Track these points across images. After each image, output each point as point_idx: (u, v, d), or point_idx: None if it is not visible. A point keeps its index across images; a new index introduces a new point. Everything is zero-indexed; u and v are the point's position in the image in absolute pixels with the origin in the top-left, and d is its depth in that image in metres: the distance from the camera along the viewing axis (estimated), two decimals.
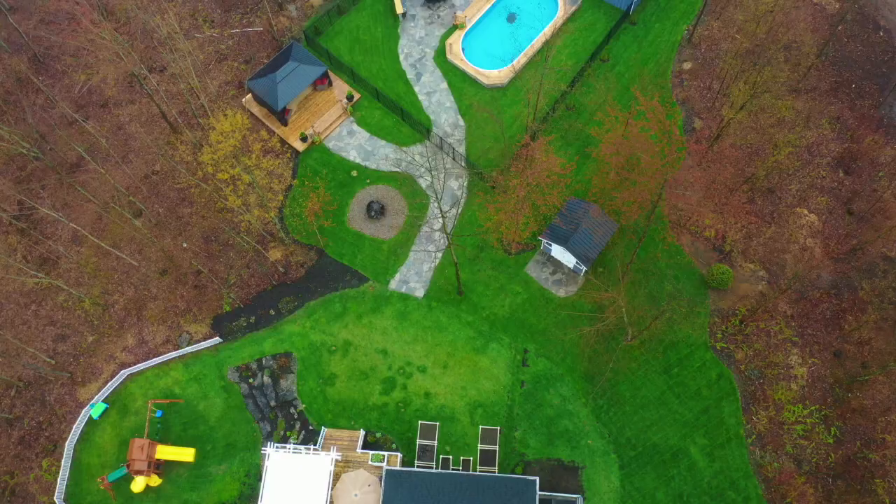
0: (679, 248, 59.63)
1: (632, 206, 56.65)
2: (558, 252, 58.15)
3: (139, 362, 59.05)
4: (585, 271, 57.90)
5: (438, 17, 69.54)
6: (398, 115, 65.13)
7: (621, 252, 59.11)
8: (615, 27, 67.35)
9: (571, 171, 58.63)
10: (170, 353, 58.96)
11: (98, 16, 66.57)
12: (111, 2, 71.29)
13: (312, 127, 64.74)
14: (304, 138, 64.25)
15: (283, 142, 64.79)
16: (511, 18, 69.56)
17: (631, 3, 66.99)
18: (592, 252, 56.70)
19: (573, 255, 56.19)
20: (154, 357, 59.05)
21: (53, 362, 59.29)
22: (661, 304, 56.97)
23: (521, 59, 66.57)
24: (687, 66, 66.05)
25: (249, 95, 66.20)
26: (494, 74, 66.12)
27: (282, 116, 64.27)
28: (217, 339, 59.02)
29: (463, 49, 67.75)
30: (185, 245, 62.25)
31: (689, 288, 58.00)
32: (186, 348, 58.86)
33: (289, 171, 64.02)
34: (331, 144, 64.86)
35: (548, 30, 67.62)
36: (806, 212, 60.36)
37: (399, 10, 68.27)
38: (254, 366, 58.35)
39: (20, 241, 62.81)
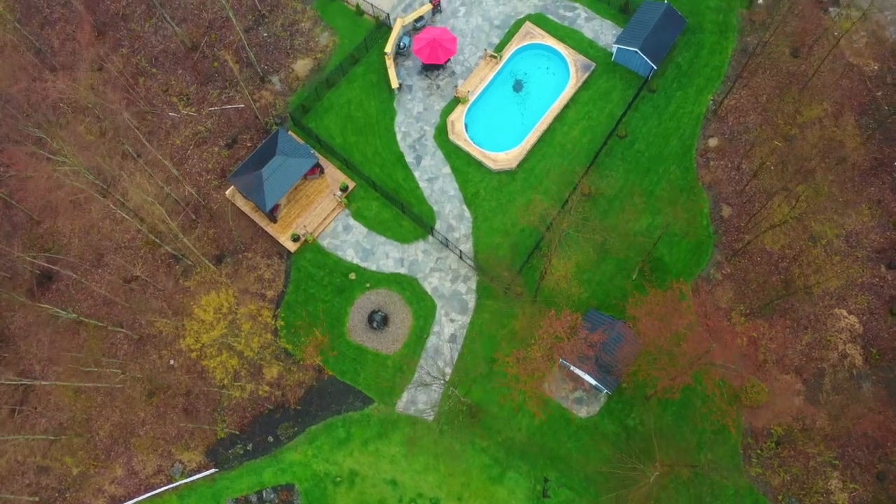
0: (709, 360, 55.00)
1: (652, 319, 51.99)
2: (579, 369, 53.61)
3: (130, 496, 55.01)
4: (609, 394, 53.48)
5: (437, 87, 63.01)
6: (398, 207, 59.44)
7: (646, 364, 54.57)
8: (634, 97, 61.14)
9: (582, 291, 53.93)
10: (163, 486, 54.86)
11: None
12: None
13: (304, 226, 59.03)
14: (296, 239, 58.65)
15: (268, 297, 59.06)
16: (518, 87, 63.10)
17: (651, 70, 60.61)
18: (618, 371, 52.13)
19: (596, 380, 51.66)
20: (146, 490, 54.94)
21: (37, 499, 55.10)
22: (692, 432, 52.76)
23: (530, 139, 60.49)
24: (713, 142, 60.18)
25: (233, 187, 60.24)
26: (502, 157, 60.16)
27: (270, 213, 58.50)
28: (213, 470, 54.81)
29: (466, 126, 61.54)
30: (172, 363, 57.35)
31: (722, 405, 53.66)
32: (180, 480, 54.70)
33: (281, 278, 58.66)
34: (325, 242, 59.31)
35: (559, 102, 61.36)
36: (845, 313, 55.67)
37: (394, 84, 61.68)
38: (254, 499, 54.31)
39: None
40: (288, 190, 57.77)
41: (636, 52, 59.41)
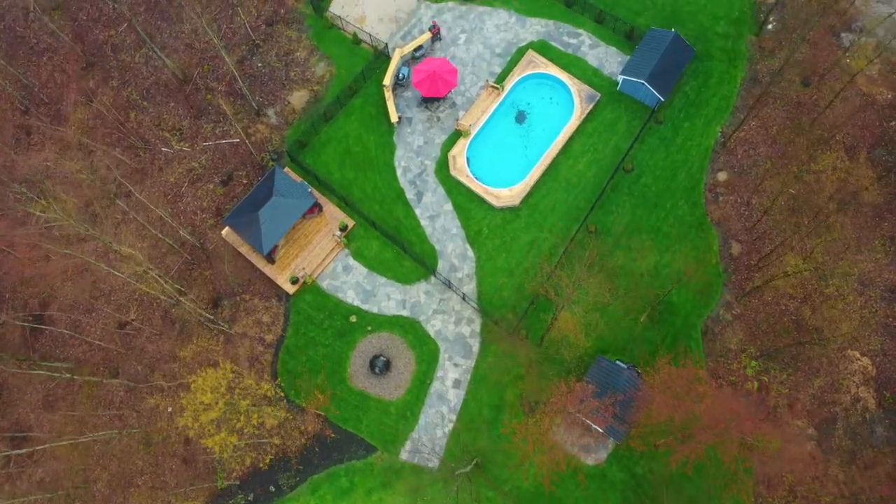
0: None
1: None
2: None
3: None
4: (618, 443, 52.32)
5: (438, 119, 61.15)
6: (398, 246, 57.86)
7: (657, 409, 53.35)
8: (640, 130, 59.40)
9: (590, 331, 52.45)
10: None
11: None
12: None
13: (303, 268, 57.46)
14: (294, 281, 57.10)
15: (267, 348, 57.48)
16: (520, 118, 61.25)
17: (658, 102, 58.80)
18: (629, 420, 50.90)
19: (606, 430, 50.47)
20: None
21: None
22: (703, 479, 51.67)
23: (534, 174, 58.79)
24: (722, 176, 58.52)
25: (229, 227, 58.56)
26: (505, 194, 58.49)
27: (268, 255, 56.88)
28: None
29: (468, 160, 59.79)
30: (170, 410, 55.99)
31: (730, 452, 52.56)
32: None
33: (280, 321, 57.16)
34: (325, 284, 57.78)
35: (563, 134, 59.59)
36: (858, 355, 54.40)
37: (394, 118, 59.82)
38: None
39: None
40: (286, 232, 56.19)
41: (643, 83, 57.57)
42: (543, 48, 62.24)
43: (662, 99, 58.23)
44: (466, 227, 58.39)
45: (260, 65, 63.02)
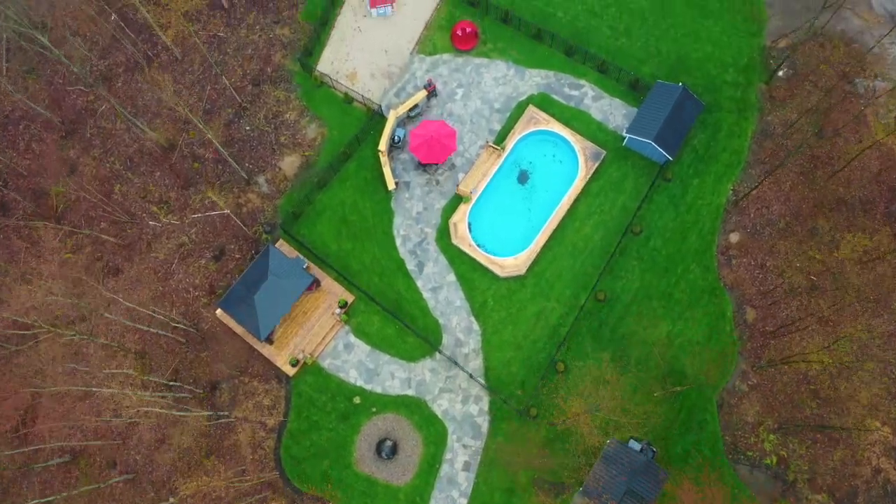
0: (737, 480, 52.34)
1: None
2: None
3: None
4: None
5: (437, 182, 58.55)
6: (401, 322, 55.73)
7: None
8: (649, 189, 56.97)
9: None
10: None
11: None
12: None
13: (303, 348, 55.35)
14: (294, 363, 55.03)
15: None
16: (523, 178, 58.70)
17: (666, 160, 56.30)
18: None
19: None
20: None
21: None
22: None
23: (539, 239, 56.49)
24: (734, 237, 56.31)
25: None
26: (510, 263, 56.23)
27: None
28: None
29: (470, 225, 57.39)
30: (171, 500, 54.33)
31: None
32: None
33: (281, 404, 55.21)
34: (326, 363, 55.74)
35: (568, 196, 57.17)
36: (878, 424, 52.89)
37: (391, 185, 57.18)
38: None
39: None
40: (283, 315, 54.01)
41: (650, 143, 54.98)
42: (544, 102, 59.39)
43: (671, 158, 55.73)
44: (471, 299, 56.23)
45: (248, 128, 60.09)
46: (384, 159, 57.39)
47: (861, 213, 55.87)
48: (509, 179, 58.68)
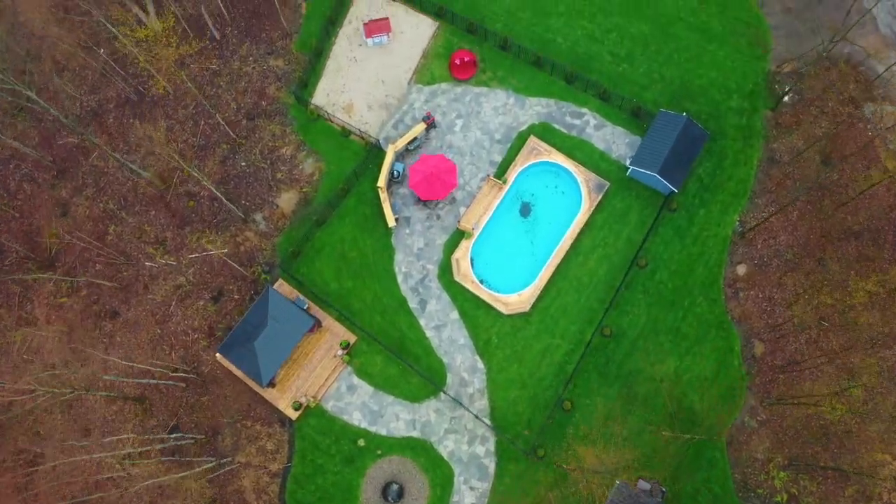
0: None
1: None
2: None
3: None
4: None
5: (438, 217, 57.45)
6: (404, 363, 54.86)
7: None
8: (654, 221, 55.94)
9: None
10: None
11: None
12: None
13: (305, 392, 54.49)
14: (297, 407, 54.21)
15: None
16: (525, 210, 57.62)
17: (671, 192, 55.22)
18: None
19: None
20: None
21: None
22: None
23: (543, 275, 55.51)
24: (741, 270, 55.38)
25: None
26: (514, 300, 55.30)
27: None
28: None
29: (472, 260, 56.39)
30: None
31: None
32: None
33: (284, 448, 54.46)
34: (329, 405, 54.91)
35: (571, 230, 56.11)
36: (889, 458, 52.28)
37: (391, 222, 56.05)
38: None
39: None
40: (285, 359, 53.12)
41: (654, 176, 53.85)
42: (545, 131, 58.18)
43: (675, 190, 54.66)
44: (474, 337, 55.35)
45: (244, 164, 58.84)
46: (383, 196, 56.22)
47: (870, 244, 54.95)
48: (511, 213, 57.59)
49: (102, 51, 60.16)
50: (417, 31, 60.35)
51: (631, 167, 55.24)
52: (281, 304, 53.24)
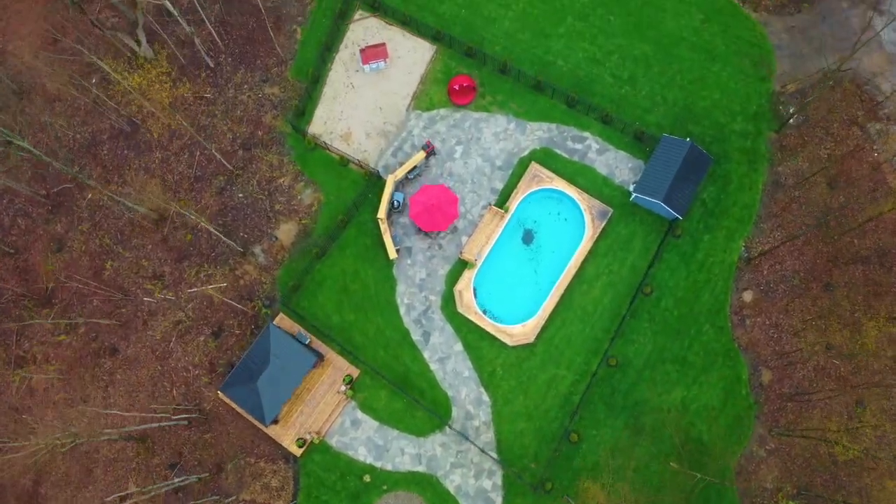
0: None
1: None
2: None
3: None
4: None
5: (439, 246, 56.66)
6: (408, 397, 54.26)
7: None
8: (658, 247, 55.23)
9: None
10: None
11: None
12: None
13: (309, 428, 53.92)
14: (301, 444, 53.65)
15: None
16: (528, 238, 56.87)
17: (676, 219, 54.48)
18: None
19: None
20: None
21: None
22: None
23: (547, 305, 54.84)
24: (748, 296, 54.78)
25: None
26: (518, 331, 54.67)
27: None
28: None
29: (475, 290, 55.68)
30: None
31: None
32: None
33: (289, 485, 53.95)
34: (333, 441, 54.37)
35: (575, 258, 55.39)
36: None
37: (392, 254, 55.25)
38: None
39: None
40: (289, 397, 52.51)
41: (659, 203, 53.06)
42: (547, 157, 57.30)
43: (680, 217, 53.94)
44: (479, 369, 54.76)
45: (241, 195, 57.88)
46: (384, 227, 55.39)
47: (878, 267, 54.35)
48: (514, 241, 56.82)
49: (94, 80, 59.08)
50: (415, 55, 59.27)
51: (635, 194, 54.46)
52: (283, 342, 52.55)
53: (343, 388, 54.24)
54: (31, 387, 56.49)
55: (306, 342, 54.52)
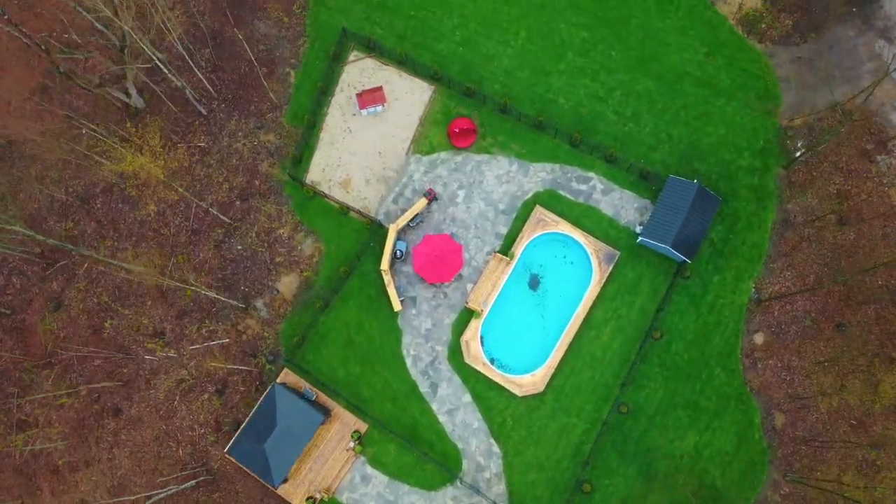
0: None
1: None
2: None
3: None
4: None
5: (444, 295, 55.66)
6: (417, 451, 53.59)
7: None
8: (667, 290, 54.33)
9: None
10: None
11: None
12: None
13: (318, 486, 53.27)
14: (311, 502, 53.02)
15: None
16: (534, 283, 55.89)
17: (684, 262, 53.51)
18: None
19: None
20: None
21: None
22: None
23: (556, 353, 54.03)
24: (759, 339, 54.00)
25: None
26: (528, 381, 53.90)
27: None
28: None
29: (482, 338, 54.82)
30: None
31: None
32: None
33: None
34: (344, 498, 53.76)
35: (583, 304, 54.47)
36: None
37: (397, 306, 54.23)
38: None
39: None
40: (297, 457, 51.76)
41: (667, 248, 52.04)
42: (551, 199, 56.14)
43: (688, 261, 52.99)
44: (489, 420, 54.06)
45: (240, 247, 56.69)
46: (387, 279, 54.33)
47: (890, 306, 53.57)
48: (520, 286, 55.83)
49: (84, 131, 57.61)
50: (413, 96, 57.80)
51: (641, 237, 53.43)
52: (289, 402, 51.73)
53: (352, 444, 53.54)
54: (34, 451, 55.61)
55: (312, 398, 53.71)
